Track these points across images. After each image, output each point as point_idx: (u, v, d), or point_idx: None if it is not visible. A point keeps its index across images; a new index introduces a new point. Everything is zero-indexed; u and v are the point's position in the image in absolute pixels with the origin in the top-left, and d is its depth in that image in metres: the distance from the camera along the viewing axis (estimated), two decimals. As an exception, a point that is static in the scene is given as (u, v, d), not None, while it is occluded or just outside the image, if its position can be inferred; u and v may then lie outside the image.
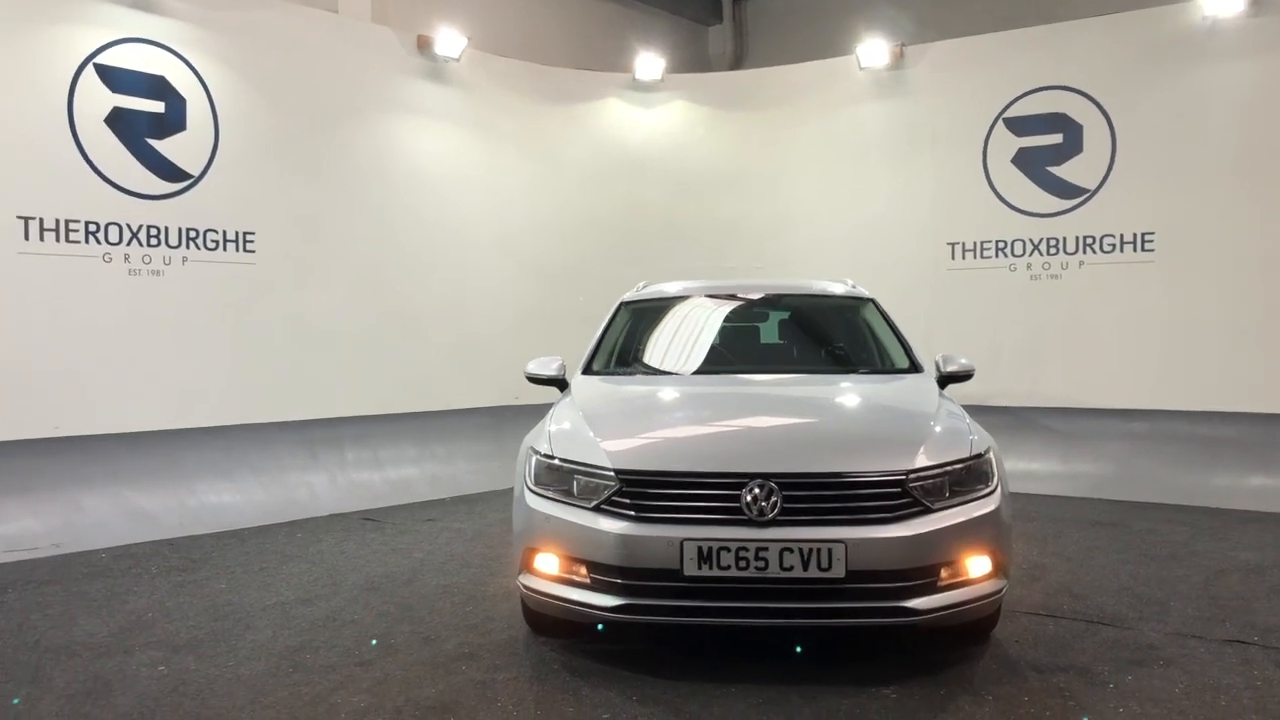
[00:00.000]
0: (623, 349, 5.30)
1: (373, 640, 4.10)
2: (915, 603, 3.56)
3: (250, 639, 4.28)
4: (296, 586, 5.16)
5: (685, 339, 5.27)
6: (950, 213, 8.65)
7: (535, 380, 4.99)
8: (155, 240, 6.78)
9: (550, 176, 9.16)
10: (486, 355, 8.49)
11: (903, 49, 8.78)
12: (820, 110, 9.25)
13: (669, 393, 4.67)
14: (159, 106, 6.80)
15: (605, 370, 5.08)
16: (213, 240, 7.05)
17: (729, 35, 11.45)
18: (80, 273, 6.44)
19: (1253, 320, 7.44)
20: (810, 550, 3.51)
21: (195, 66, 6.96)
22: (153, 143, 6.77)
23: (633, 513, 3.65)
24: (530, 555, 3.91)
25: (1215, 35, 7.57)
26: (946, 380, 4.80)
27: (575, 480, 3.83)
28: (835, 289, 5.69)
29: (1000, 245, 8.44)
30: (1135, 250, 7.92)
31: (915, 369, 4.95)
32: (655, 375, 4.99)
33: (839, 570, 3.51)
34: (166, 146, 6.83)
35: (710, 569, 3.53)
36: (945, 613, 3.62)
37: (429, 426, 8.27)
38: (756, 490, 3.58)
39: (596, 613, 3.67)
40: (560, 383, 4.95)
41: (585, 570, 3.72)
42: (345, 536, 6.40)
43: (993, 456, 3.96)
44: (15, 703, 3.49)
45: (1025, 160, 8.31)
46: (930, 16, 9.98)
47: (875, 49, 8.77)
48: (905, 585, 3.56)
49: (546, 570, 3.86)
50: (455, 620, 4.55)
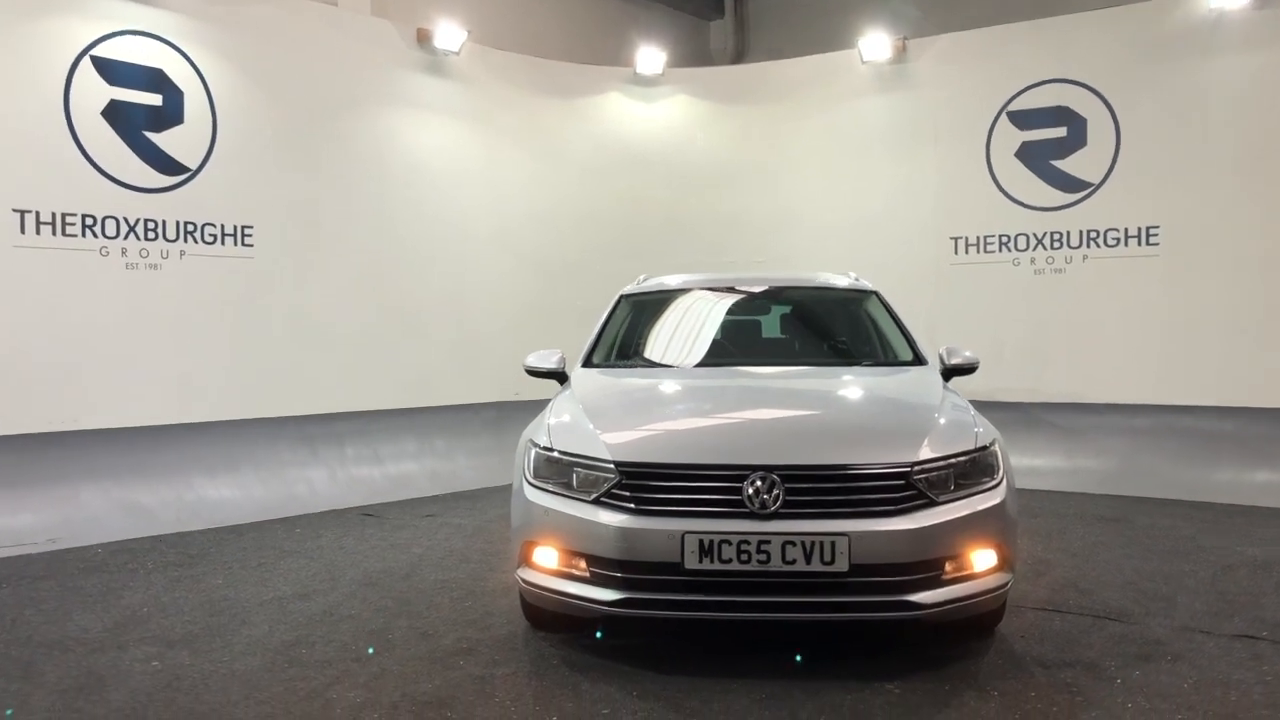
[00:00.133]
0: (623, 342, 5.25)
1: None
2: (919, 597, 3.52)
3: (246, 634, 4.23)
4: (294, 582, 5.11)
5: (686, 332, 5.22)
6: (953, 207, 8.59)
7: (534, 373, 4.95)
8: (153, 234, 6.72)
9: (551, 171, 9.11)
10: (486, 350, 8.43)
11: (905, 42, 8.72)
12: (822, 104, 9.20)
13: (670, 385, 4.62)
14: (156, 99, 6.75)
15: (605, 363, 5.03)
16: (211, 234, 7.00)
17: (730, 30, 11.39)
18: (77, 266, 6.39)
19: (1258, 314, 7.38)
20: (813, 543, 3.46)
21: (193, 59, 6.91)
22: (150, 136, 6.72)
23: (633, 505, 3.60)
24: (529, 549, 3.86)
25: (1221, 28, 7.51)
26: (951, 373, 4.77)
27: (575, 473, 3.78)
28: (838, 281, 5.64)
29: (1004, 240, 8.38)
30: (1140, 244, 7.86)
31: (919, 361, 4.89)
32: (656, 368, 4.94)
33: (842, 564, 3.45)
34: (164, 140, 6.78)
35: (711, 562, 3.48)
36: (950, 607, 3.57)
37: (429, 422, 8.22)
38: (758, 482, 3.53)
39: (596, 607, 3.63)
40: (560, 376, 4.91)
41: (585, 564, 3.67)
42: (344, 532, 6.35)
43: (998, 449, 3.90)
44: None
45: (1029, 154, 8.25)
46: (933, 9, 9.93)
47: (877, 43, 8.71)
48: (909, 579, 3.51)
49: (545, 564, 3.81)
50: (453, 615, 4.50)
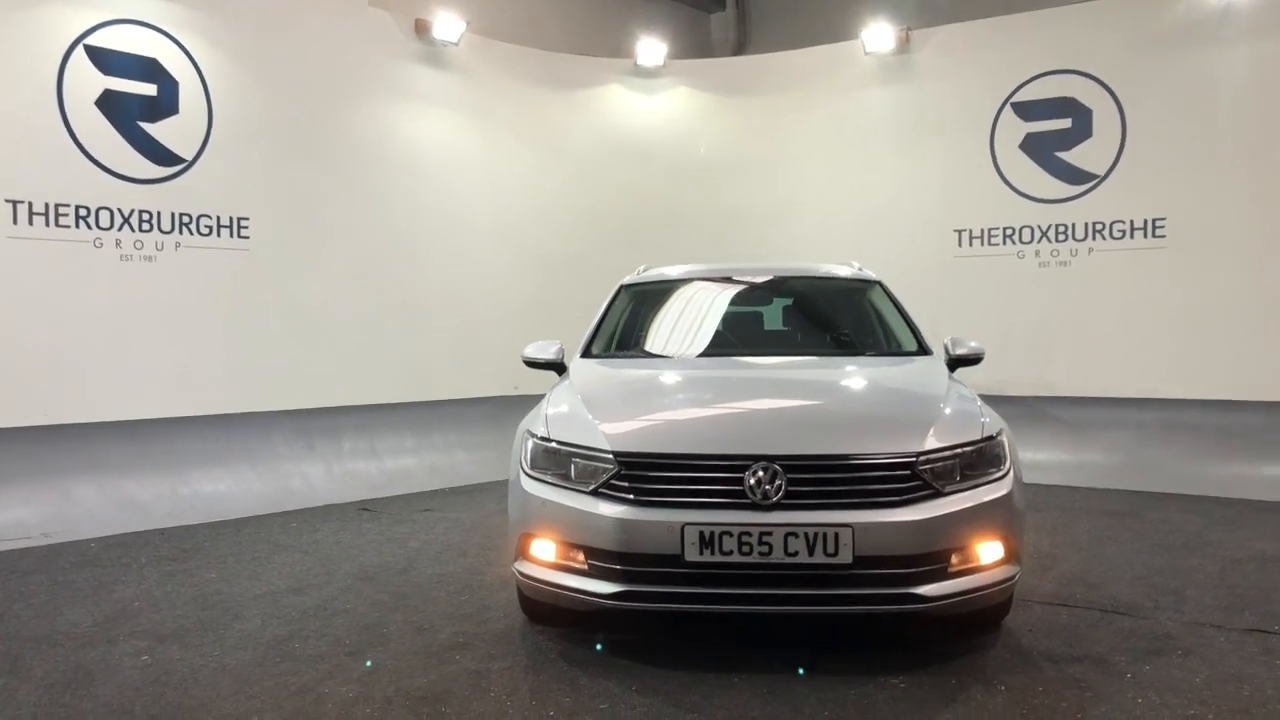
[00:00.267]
0: (623, 332, 5.16)
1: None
2: (925, 589, 3.43)
3: (238, 628, 4.15)
4: (288, 576, 5.04)
5: (687, 322, 5.13)
6: (957, 199, 8.51)
7: (532, 364, 4.87)
8: (147, 225, 6.65)
9: (551, 163, 9.03)
10: (486, 344, 8.35)
11: (908, 33, 8.64)
12: (825, 96, 9.11)
13: (670, 375, 4.53)
14: (151, 89, 6.68)
15: (604, 353, 4.95)
16: (206, 225, 6.93)
17: (732, 22, 11.31)
18: (70, 258, 6.32)
19: (1266, 307, 7.29)
20: (816, 535, 3.38)
21: (188, 49, 6.83)
22: (144, 126, 6.65)
23: (632, 496, 3.52)
24: (526, 541, 3.78)
25: (1229, 17, 7.42)
26: (956, 363, 4.68)
27: (573, 463, 3.70)
28: (841, 271, 5.55)
29: (1008, 232, 8.29)
30: (1146, 236, 7.77)
31: (924, 351, 4.81)
32: (656, 358, 4.85)
33: (846, 555, 3.37)
34: (158, 130, 6.71)
35: (712, 554, 3.40)
36: (956, 600, 3.49)
37: (427, 416, 8.14)
38: (760, 473, 3.45)
39: (594, 599, 3.54)
40: (559, 366, 4.82)
41: (583, 556, 3.59)
42: (341, 526, 6.27)
43: (1005, 439, 3.82)
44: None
45: (1033, 145, 8.17)
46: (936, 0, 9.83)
47: (880, 33, 8.63)
48: (914, 571, 3.42)
49: (543, 556, 3.73)
50: (450, 609, 4.43)
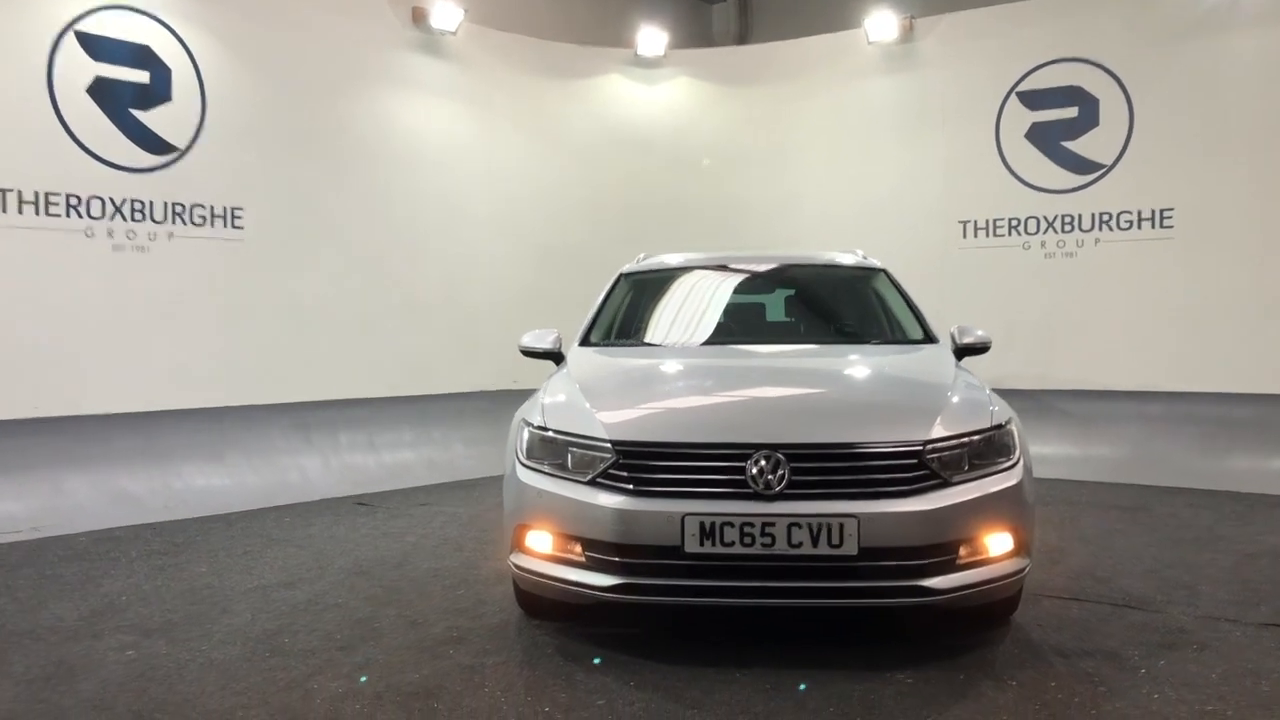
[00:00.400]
0: (622, 321, 5.06)
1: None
2: (933, 582, 3.33)
3: (226, 623, 4.05)
4: (280, 570, 4.93)
5: (688, 311, 5.03)
6: (962, 190, 8.40)
7: (530, 353, 4.78)
8: (140, 215, 6.55)
9: (550, 154, 8.92)
10: (484, 337, 8.23)
11: (912, 22, 8.53)
12: (827, 86, 9.01)
13: (670, 364, 4.42)
14: (143, 76, 6.57)
15: (603, 342, 4.84)
16: (200, 215, 6.82)
17: (733, 13, 11.17)
18: (61, 247, 6.22)
19: (1275, 298, 7.17)
20: (820, 525, 3.27)
21: (181, 35, 6.72)
22: (137, 114, 6.54)
23: (630, 486, 3.42)
24: (522, 533, 3.68)
25: (1238, 5, 7.30)
26: (963, 352, 4.58)
27: (570, 453, 3.60)
28: (845, 259, 5.44)
29: (1013, 223, 8.19)
30: (1153, 227, 7.66)
31: (930, 340, 4.70)
32: (656, 347, 4.74)
33: (851, 547, 3.27)
34: (151, 118, 6.60)
35: (713, 546, 3.29)
36: (965, 593, 3.39)
37: (426, 410, 8.04)
38: (763, 462, 3.34)
39: (592, 592, 3.44)
40: (556, 356, 4.73)
41: (580, 548, 3.49)
42: (336, 520, 6.17)
43: (1014, 428, 3.71)
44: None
45: (1039, 135, 8.06)
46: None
47: (884, 22, 8.52)
48: (922, 563, 3.33)
49: (539, 549, 3.63)
50: (445, 604, 4.32)
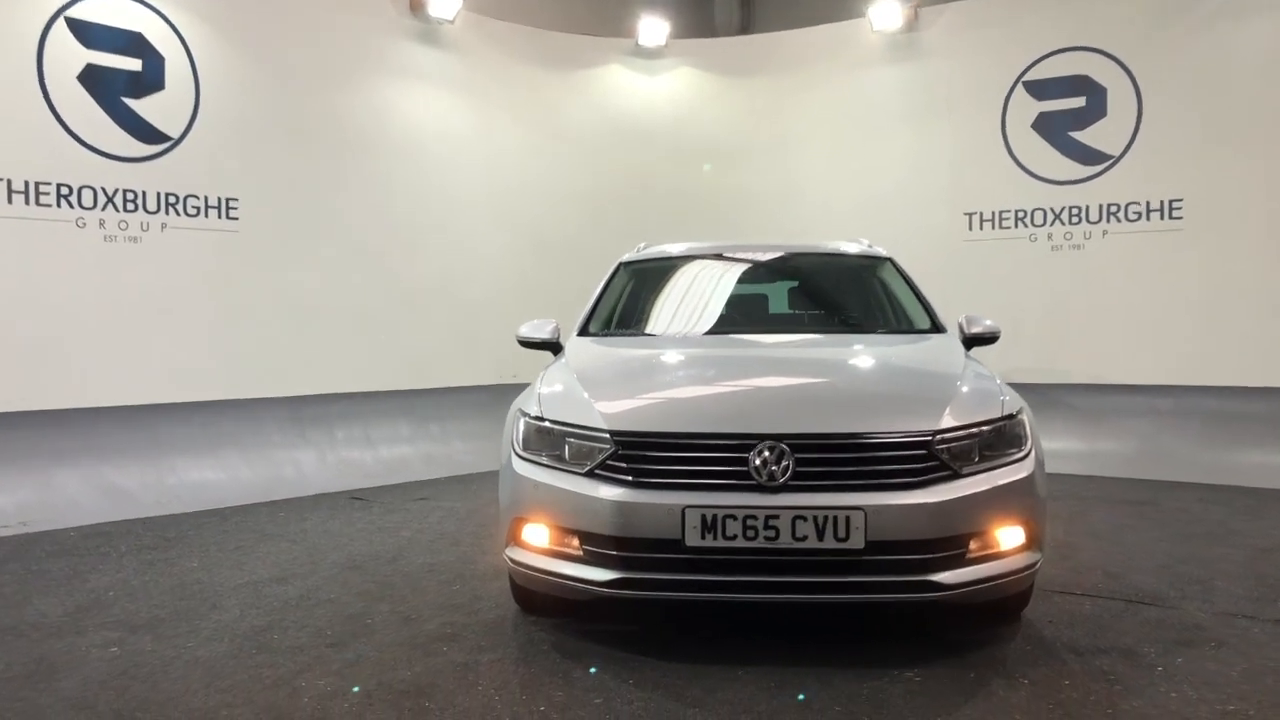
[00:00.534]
0: (622, 311, 4.94)
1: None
2: (942, 577, 3.21)
3: (215, 619, 3.94)
4: (272, 565, 4.82)
5: (689, 300, 4.91)
6: (967, 181, 8.27)
7: (527, 344, 4.66)
8: (132, 205, 6.44)
9: (550, 145, 8.80)
10: (483, 330, 8.11)
11: (917, 10, 8.41)
12: (831, 76, 8.88)
13: (671, 354, 4.30)
14: (135, 64, 6.45)
15: (602, 332, 4.73)
16: (193, 206, 6.71)
17: (736, 3, 11.02)
18: (52, 238, 6.11)
19: (1287, 290, 7.06)
20: (826, 518, 3.16)
21: (174, 23, 6.61)
22: (129, 102, 6.43)
23: (630, 478, 3.30)
24: (518, 526, 3.57)
25: (1248, -10, 7.18)
26: (971, 342, 4.46)
27: (567, 444, 3.48)
28: (850, 248, 5.33)
29: (1020, 215, 8.06)
30: (1162, 218, 7.54)
31: (938, 329, 4.59)
32: (656, 337, 4.62)
33: (857, 540, 3.15)
34: (144, 107, 6.49)
35: (715, 539, 3.18)
36: (975, 588, 3.27)
37: (423, 404, 7.92)
38: (766, 452, 3.23)
39: (590, 588, 3.33)
40: (555, 347, 4.62)
41: (578, 542, 3.38)
42: (331, 515, 6.06)
43: (1025, 419, 3.59)
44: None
45: (1046, 125, 7.93)
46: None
47: (889, 11, 8.40)
48: (931, 557, 3.21)
49: (536, 542, 3.51)
50: (439, 600, 4.21)
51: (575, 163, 8.90)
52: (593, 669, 3.35)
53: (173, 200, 6.61)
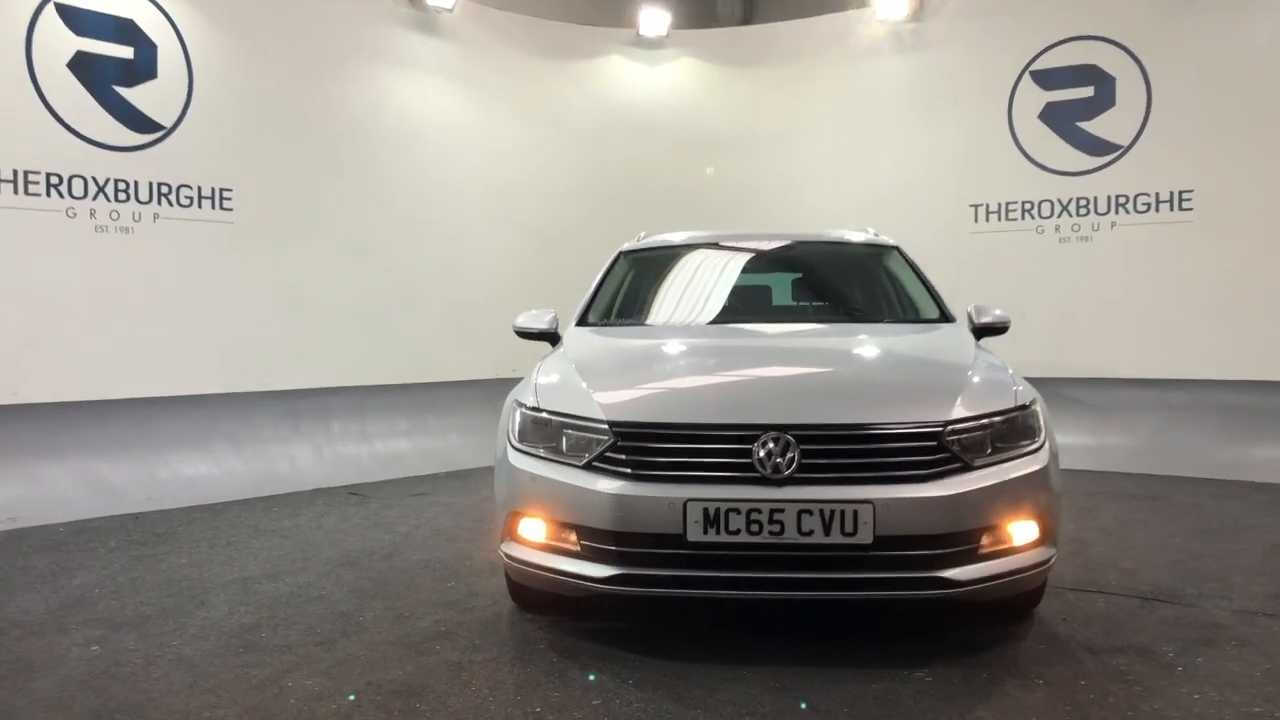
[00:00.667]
0: (622, 301, 4.82)
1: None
2: (953, 573, 3.09)
3: (202, 616, 3.82)
4: (264, 561, 4.71)
5: (691, 290, 4.79)
6: (973, 173, 8.14)
7: (525, 334, 4.53)
8: (124, 195, 6.32)
9: (549, 136, 8.68)
10: (481, 324, 7.98)
11: (922, -1, 8.28)
12: (835, 66, 8.75)
13: (672, 344, 4.18)
14: (127, 52, 6.34)
15: (601, 322, 4.61)
16: (186, 196, 6.59)
17: (738, -5, 10.91)
18: (42, 228, 5.99)
19: (1300, 282, 6.93)
20: (832, 512, 3.04)
21: (166, 10, 6.49)
22: (121, 90, 6.32)
23: (629, 471, 3.19)
24: (514, 521, 3.46)
25: (1260, -23, 7.05)
26: (981, 332, 4.34)
27: (564, 435, 3.37)
28: (856, 236, 5.21)
29: (1027, 206, 7.93)
30: (1172, 210, 7.41)
31: (947, 319, 4.46)
32: (657, 327, 4.50)
33: (865, 535, 3.03)
34: (136, 95, 6.37)
35: (717, 534, 3.06)
36: (987, 584, 3.15)
37: (421, 398, 7.81)
38: (771, 444, 3.11)
39: (588, 584, 3.21)
40: (553, 337, 4.49)
41: (575, 536, 3.26)
42: (326, 510, 5.95)
43: (1039, 409, 3.47)
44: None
45: (1053, 116, 7.80)
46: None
47: (893, -1, 8.27)
48: (941, 553, 3.09)
49: (532, 537, 3.40)
50: (434, 596, 4.10)
51: (575, 154, 8.77)
52: (590, 671, 3.23)
53: (165, 190, 6.49)
